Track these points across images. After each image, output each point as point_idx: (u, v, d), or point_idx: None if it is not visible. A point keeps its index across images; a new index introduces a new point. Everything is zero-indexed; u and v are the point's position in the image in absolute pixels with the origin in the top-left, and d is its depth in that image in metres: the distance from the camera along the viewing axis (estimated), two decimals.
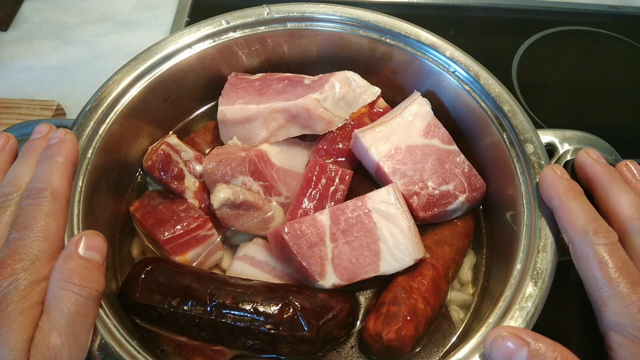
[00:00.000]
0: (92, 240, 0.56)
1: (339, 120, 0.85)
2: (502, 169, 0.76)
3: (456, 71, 0.82)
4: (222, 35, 0.86)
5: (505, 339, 0.54)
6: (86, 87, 0.80)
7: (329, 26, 0.88)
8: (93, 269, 0.54)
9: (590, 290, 0.58)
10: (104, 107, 0.75)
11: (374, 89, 0.88)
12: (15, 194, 0.59)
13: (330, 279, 0.70)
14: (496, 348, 0.55)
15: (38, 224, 0.55)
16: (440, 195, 0.79)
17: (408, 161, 0.80)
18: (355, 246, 0.72)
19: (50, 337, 0.49)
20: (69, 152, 0.64)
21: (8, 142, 0.67)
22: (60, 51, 1.20)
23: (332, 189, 0.80)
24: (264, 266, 0.77)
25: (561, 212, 0.62)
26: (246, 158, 0.80)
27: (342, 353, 0.72)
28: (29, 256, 0.53)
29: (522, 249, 0.67)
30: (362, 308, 0.75)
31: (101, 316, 0.61)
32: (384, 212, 0.73)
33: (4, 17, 1.22)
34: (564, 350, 0.52)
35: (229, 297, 0.67)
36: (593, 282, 0.57)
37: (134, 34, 1.24)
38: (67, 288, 0.52)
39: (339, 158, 0.85)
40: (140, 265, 0.71)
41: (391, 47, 0.87)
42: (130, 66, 0.80)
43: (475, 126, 0.83)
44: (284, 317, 0.66)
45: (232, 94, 0.86)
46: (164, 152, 0.79)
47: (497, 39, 1.32)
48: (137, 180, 0.87)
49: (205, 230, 0.76)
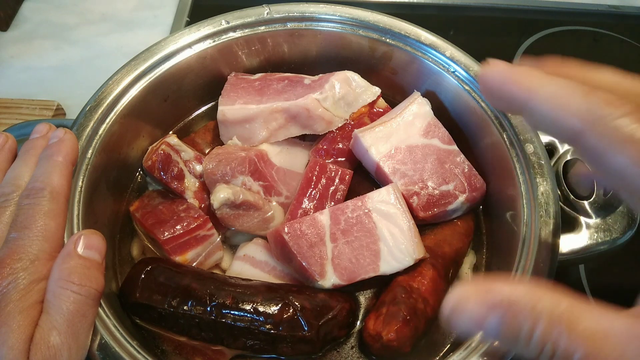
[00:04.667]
0: (91, 239, 0.56)
1: (339, 120, 0.85)
2: (502, 169, 0.76)
3: (456, 71, 0.82)
4: (222, 35, 0.86)
5: (467, 305, 0.39)
6: (86, 87, 0.80)
7: (329, 26, 0.88)
8: (92, 268, 0.54)
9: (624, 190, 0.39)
10: (104, 107, 0.75)
11: (374, 89, 0.88)
12: (15, 193, 0.59)
13: (330, 279, 0.70)
14: (457, 318, 0.40)
15: (37, 224, 0.55)
16: (440, 195, 0.78)
17: (408, 161, 0.80)
18: (355, 246, 0.72)
19: (49, 336, 0.49)
20: (68, 151, 0.64)
21: (7, 141, 0.67)
22: (60, 51, 1.20)
23: (332, 189, 0.80)
24: (264, 266, 0.77)
25: (538, 102, 0.41)
26: (246, 158, 0.80)
27: (342, 353, 0.72)
28: (28, 256, 0.53)
29: (522, 249, 0.67)
30: (362, 308, 0.75)
31: (101, 316, 0.61)
32: (384, 212, 0.73)
33: (4, 17, 1.22)
34: (554, 295, 0.38)
35: (229, 297, 0.67)
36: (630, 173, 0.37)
37: (134, 34, 1.24)
38: (66, 287, 0.52)
39: (339, 158, 0.85)
40: (140, 265, 0.71)
41: (391, 47, 0.87)
42: (130, 66, 0.80)
43: (475, 126, 0.83)
44: (284, 317, 0.66)
45: (232, 94, 0.86)
46: (164, 152, 0.79)
47: (497, 39, 1.32)
48: (137, 180, 0.87)
49: (205, 230, 0.76)
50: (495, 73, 0.44)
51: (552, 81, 0.41)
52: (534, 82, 0.42)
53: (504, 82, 0.43)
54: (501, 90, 0.44)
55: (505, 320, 0.38)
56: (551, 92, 0.40)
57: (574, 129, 0.39)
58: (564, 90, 0.40)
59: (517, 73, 0.43)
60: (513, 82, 0.43)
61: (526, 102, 0.42)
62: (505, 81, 0.43)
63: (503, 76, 0.44)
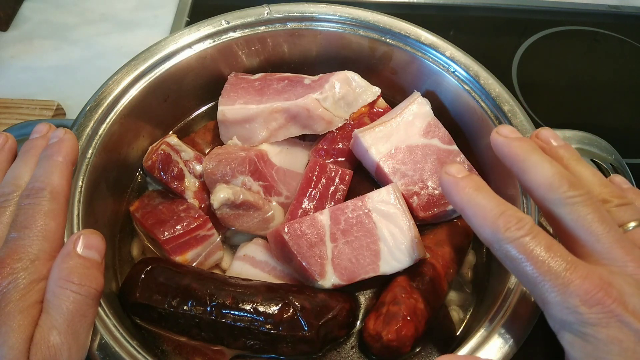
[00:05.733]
0: (90, 239, 0.56)
1: (339, 120, 0.85)
2: (502, 169, 0.76)
3: (456, 71, 0.82)
4: (222, 35, 0.86)
5: None
6: (86, 87, 0.80)
7: (329, 26, 0.88)
8: (92, 268, 0.54)
9: (529, 290, 0.51)
10: (104, 107, 0.75)
11: (374, 89, 0.88)
12: (15, 193, 0.59)
13: (330, 279, 0.70)
14: None
15: (37, 224, 0.55)
16: (440, 195, 0.78)
17: (408, 161, 0.80)
18: (355, 246, 0.72)
19: (50, 336, 0.49)
20: (68, 151, 0.64)
21: (7, 142, 0.67)
22: (60, 51, 1.20)
23: (332, 189, 0.80)
24: (264, 266, 0.77)
25: (468, 214, 0.53)
26: (246, 158, 0.80)
27: (342, 353, 0.72)
28: (28, 255, 0.53)
29: None
30: (362, 308, 0.75)
31: (101, 316, 0.61)
32: (384, 212, 0.73)
33: (4, 17, 1.22)
34: None
35: (229, 297, 0.67)
36: (526, 279, 0.49)
37: (134, 34, 1.24)
38: (66, 287, 0.52)
39: (339, 158, 0.85)
40: (140, 265, 0.71)
41: (391, 47, 0.87)
42: (130, 66, 0.80)
43: (475, 126, 0.83)
44: (284, 317, 0.66)
45: (232, 94, 0.86)
46: (164, 152, 0.79)
47: (497, 39, 1.32)
48: (137, 180, 0.87)
49: (205, 230, 0.76)
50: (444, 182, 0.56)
51: (479, 197, 0.53)
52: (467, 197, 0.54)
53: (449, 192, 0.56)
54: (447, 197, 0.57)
55: None
56: (475, 211, 0.52)
57: (486, 242, 0.52)
58: (483, 212, 0.52)
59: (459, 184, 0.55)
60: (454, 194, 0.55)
61: (462, 214, 0.55)
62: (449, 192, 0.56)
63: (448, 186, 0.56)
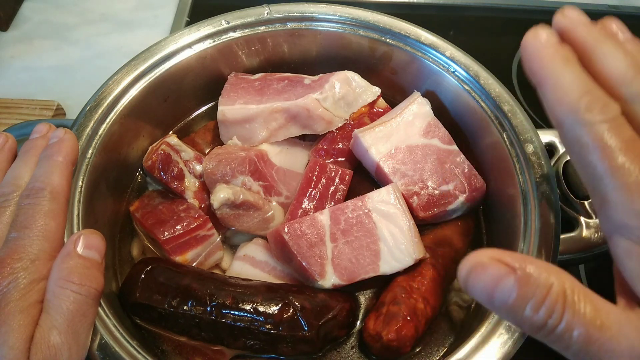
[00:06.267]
0: (90, 239, 0.56)
1: (339, 120, 0.85)
2: (502, 169, 0.76)
3: (456, 71, 0.82)
4: (222, 35, 0.86)
5: (486, 268, 0.41)
6: (86, 87, 0.80)
7: (329, 26, 0.88)
8: (92, 268, 0.54)
9: (589, 184, 0.45)
10: (104, 107, 0.75)
11: (374, 89, 0.88)
12: (15, 193, 0.59)
13: (330, 279, 0.70)
14: (474, 279, 0.41)
15: (37, 224, 0.55)
16: (440, 195, 0.78)
17: (408, 161, 0.80)
18: (355, 246, 0.72)
19: (50, 336, 0.49)
20: (68, 151, 0.64)
21: (7, 141, 0.67)
22: (60, 51, 1.20)
23: (332, 189, 0.80)
24: (264, 266, 0.77)
25: (546, 87, 0.46)
26: (246, 158, 0.80)
27: (342, 353, 0.72)
28: (28, 255, 0.53)
29: (521, 249, 0.67)
30: (362, 308, 0.75)
31: (101, 316, 0.61)
32: (384, 212, 0.73)
33: (4, 17, 1.22)
34: (560, 274, 0.41)
35: (229, 297, 0.67)
36: (590, 172, 0.43)
37: (134, 34, 1.24)
38: (66, 287, 0.52)
39: (339, 158, 0.85)
40: (140, 265, 0.71)
41: (391, 47, 0.87)
42: (130, 66, 0.80)
43: (475, 126, 0.83)
44: (284, 317, 0.66)
45: (232, 94, 0.86)
46: (164, 152, 0.79)
47: (497, 39, 1.32)
48: (137, 180, 0.87)
49: (205, 230, 0.76)
50: (529, 46, 0.48)
51: (565, 71, 0.45)
52: (551, 67, 0.46)
53: (531, 58, 0.47)
54: (527, 64, 0.48)
55: (519, 285, 0.39)
56: (557, 84, 0.45)
57: (558, 120, 0.45)
58: (566, 87, 0.45)
59: (545, 52, 0.47)
60: (536, 61, 0.47)
61: (538, 84, 0.47)
62: (531, 58, 0.47)
63: (533, 50, 0.47)
